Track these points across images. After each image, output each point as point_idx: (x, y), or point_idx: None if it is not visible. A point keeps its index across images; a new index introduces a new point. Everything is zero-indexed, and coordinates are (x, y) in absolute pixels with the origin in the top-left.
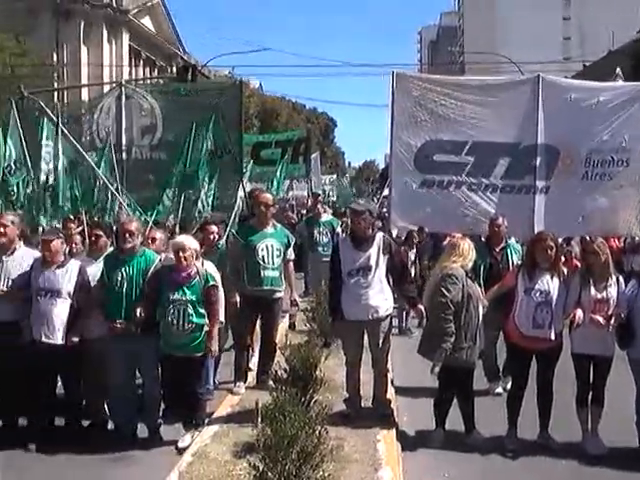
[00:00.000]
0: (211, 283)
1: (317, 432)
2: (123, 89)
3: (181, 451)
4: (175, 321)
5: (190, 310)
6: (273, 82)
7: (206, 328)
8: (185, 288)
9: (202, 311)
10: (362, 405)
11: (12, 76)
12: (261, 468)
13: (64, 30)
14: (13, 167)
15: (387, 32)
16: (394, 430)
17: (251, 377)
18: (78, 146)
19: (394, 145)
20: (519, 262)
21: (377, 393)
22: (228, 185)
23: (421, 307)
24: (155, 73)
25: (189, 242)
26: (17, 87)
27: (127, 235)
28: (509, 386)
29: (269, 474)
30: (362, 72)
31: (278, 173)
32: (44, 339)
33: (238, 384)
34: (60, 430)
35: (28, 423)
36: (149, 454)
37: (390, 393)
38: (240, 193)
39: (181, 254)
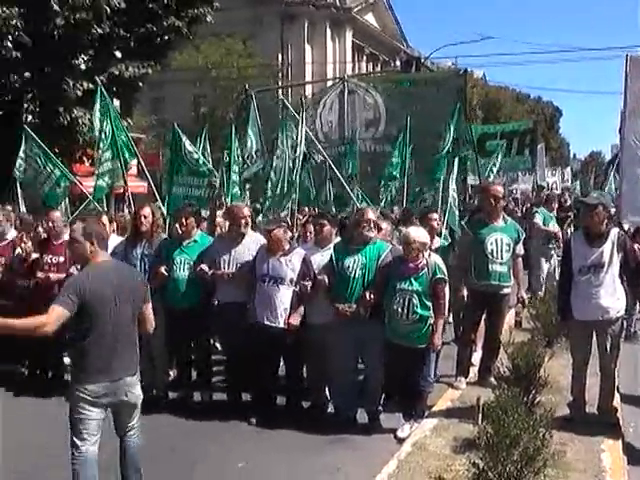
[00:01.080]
0: (439, 276)
1: (541, 435)
2: (346, 84)
3: (400, 440)
4: (400, 309)
5: (415, 301)
6: (497, 72)
7: (430, 320)
8: (412, 279)
9: (428, 303)
10: (587, 411)
11: (240, 77)
12: (481, 466)
13: (289, 32)
14: (254, 156)
15: (615, 14)
16: (620, 441)
17: (472, 373)
18: (315, 140)
19: (626, 134)
20: None
21: (602, 400)
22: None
23: None
24: (378, 68)
25: (419, 234)
26: (242, 86)
27: (365, 224)
28: None
29: (489, 473)
30: (587, 57)
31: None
32: (267, 322)
33: (459, 379)
34: (280, 409)
35: (251, 399)
36: (368, 439)
37: (616, 401)
38: (453, 185)
39: (411, 246)
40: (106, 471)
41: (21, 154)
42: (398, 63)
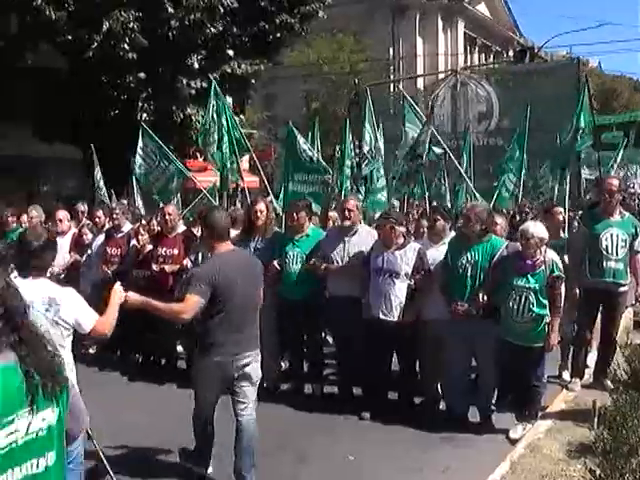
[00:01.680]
0: (556, 273)
1: None
2: (458, 76)
3: (513, 441)
4: (516, 307)
5: (532, 298)
6: (614, 60)
7: (547, 319)
8: (530, 276)
9: (544, 301)
10: None
11: (351, 72)
12: (598, 473)
13: (400, 25)
14: (373, 151)
15: None
16: None
17: (587, 374)
18: (437, 134)
19: None
20: None
21: None
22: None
23: None
24: (491, 59)
25: (537, 230)
26: (352, 81)
27: (472, 221)
28: None
29: None
30: None
31: (618, 158)
32: (382, 316)
33: (574, 380)
34: (392, 403)
35: (363, 393)
36: (479, 439)
37: None
38: (567, 176)
39: (530, 241)
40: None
41: (138, 150)
42: (511, 53)
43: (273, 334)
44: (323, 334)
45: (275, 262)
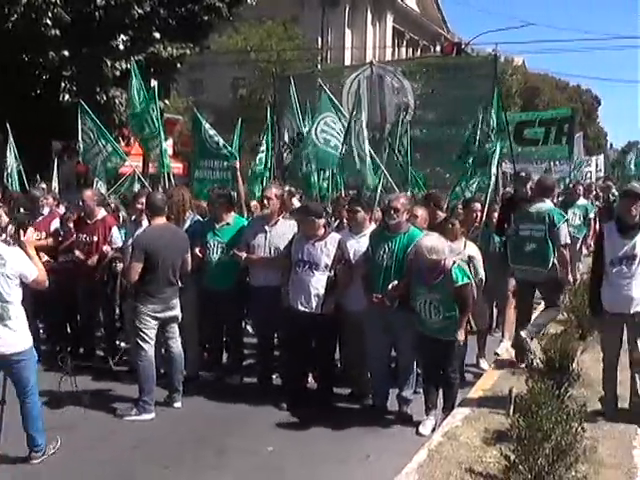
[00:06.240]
0: (459, 283)
1: (573, 430)
2: (374, 68)
3: (421, 435)
4: (423, 311)
5: (436, 305)
6: (538, 59)
7: (458, 316)
8: (431, 287)
9: (450, 306)
10: (619, 406)
11: (279, 61)
12: (512, 459)
13: (330, 15)
14: (296, 139)
15: None
16: None
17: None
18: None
19: None
20: None
21: (634, 394)
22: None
23: None
24: (418, 53)
25: (431, 244)
26: (275, 70)
27: (392, 212)
28: None
29: (520, 467)
30: (628, 45)
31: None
32: (300, 307)
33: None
34: (311, 393)
35: (283, 384)
36: (400, 428)
37: None
38: (494, 171)
39: (424, 257)
40: None
41: (80, 127)
42: (438, 49)
43: (194, 324)
44: (244, 324)
45: (197, 250)
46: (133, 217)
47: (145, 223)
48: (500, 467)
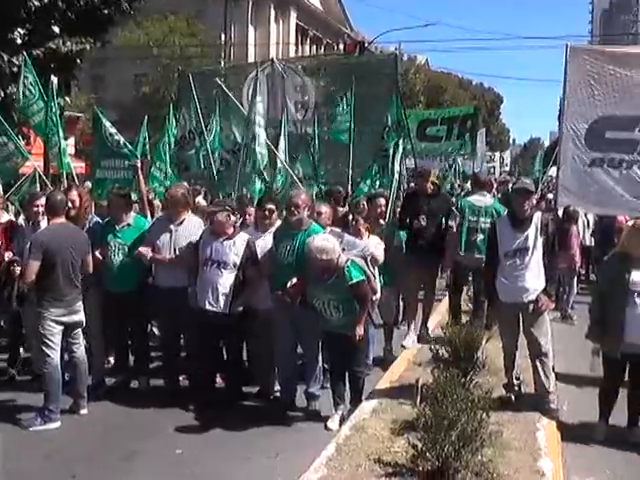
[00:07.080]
0: (353, 281)
1: (478, 416)
2: (274, 65)
3: (330, 429)
4: (322, 310)
5: (334, 304)
6: (441, 58)
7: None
8: (325, 287)
9: (348, 303)
10: (522, 391)
11: (182, 57)
12: (420, 447)
13: (233, 12)
14: (187, 137)
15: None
16: (554, 419)
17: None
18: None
19: (565, 122)
20: None
21: (536, 379)
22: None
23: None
24: (322, 51)
25: (319, 245)
26: (178, 68)
27: (293, 208)
28: None
29: (427, 454)
30: (526, 45)
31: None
32: (208, 307)
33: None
34: (220, 392)
35: (190, 385)
36: (309, 425)
37: (551, 380)
38: (397, 167)
39: (316, 260)
40: None
41: None
42: (342, 47)
43: (98, 327)
44: (149, 326)
45: (96, 252)
46: (30, 221)
47: (44, 225)
48: (408, 456)
